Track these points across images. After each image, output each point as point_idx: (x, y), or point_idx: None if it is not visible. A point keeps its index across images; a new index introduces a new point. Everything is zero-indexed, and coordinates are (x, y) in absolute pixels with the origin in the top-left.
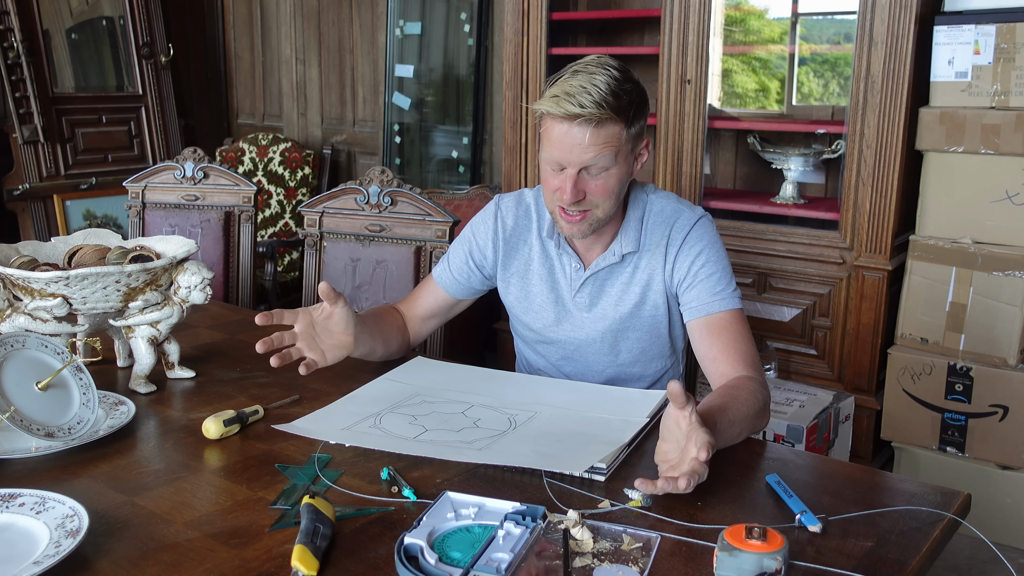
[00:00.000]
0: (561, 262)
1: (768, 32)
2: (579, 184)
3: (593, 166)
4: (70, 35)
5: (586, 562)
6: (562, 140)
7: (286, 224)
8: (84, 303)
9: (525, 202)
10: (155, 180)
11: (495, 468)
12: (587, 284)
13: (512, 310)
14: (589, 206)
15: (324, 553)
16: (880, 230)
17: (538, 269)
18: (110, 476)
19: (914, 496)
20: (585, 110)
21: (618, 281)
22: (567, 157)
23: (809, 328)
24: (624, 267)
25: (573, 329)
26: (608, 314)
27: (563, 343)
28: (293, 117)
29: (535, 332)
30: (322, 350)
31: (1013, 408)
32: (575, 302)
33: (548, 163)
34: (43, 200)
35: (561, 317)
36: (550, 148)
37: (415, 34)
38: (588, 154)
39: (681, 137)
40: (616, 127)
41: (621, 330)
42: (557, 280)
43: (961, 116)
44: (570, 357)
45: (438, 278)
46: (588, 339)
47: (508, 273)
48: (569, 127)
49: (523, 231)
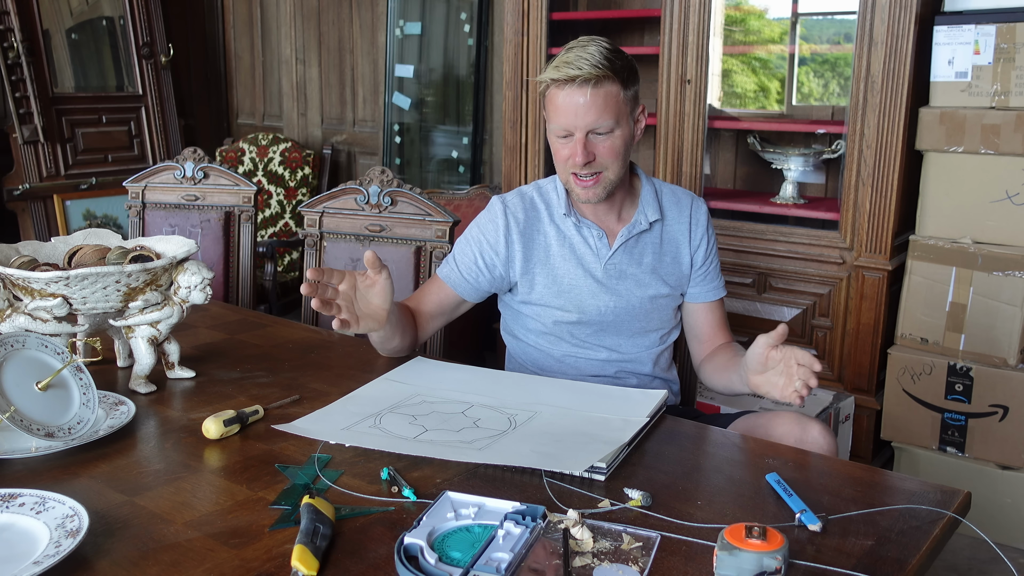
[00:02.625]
0: (582, 235)
1: (768, 32)
2: (588, 147)
3: (598, 128)
4: (70, 35)
5: (586, 562)
6: (566, 105)
7: (286, 224)
8: (84, 303)
9: (528, 196)
10: (155, 180)
11: (495, 468)
12: (620, 252)
13: (541, 300)
14: (600, 168)
15: (324, 553)
16: (880, 230)
17: (559, 251)
18: (110, 476)
19: (914, 495)
20: (583, 71)
21: (649, 248)
22: (573, 121)
23: (809, 328)
24: (653, 235)
25: (613, 298)
26: (645, 279)
27: (600, 318)
28: (293, 117)
29: (570, 312)
30: (357, 316)
31: (1013, 408)
32: (607, 271)
33: (556, 133)
34: (43, 200)
35: (597, 289)
36: (556, 116)
37: (415, 34)
38: (592, 114)
39: (681, 137)
40: (614, 87)
41: (659, 295)
42: (582, 255)
43: (961, 116)
44: (604, 329)
45: (446, 278)
46: (627, 306)
47: (531, 265)
48: (570, 90)
49: (535, 221)
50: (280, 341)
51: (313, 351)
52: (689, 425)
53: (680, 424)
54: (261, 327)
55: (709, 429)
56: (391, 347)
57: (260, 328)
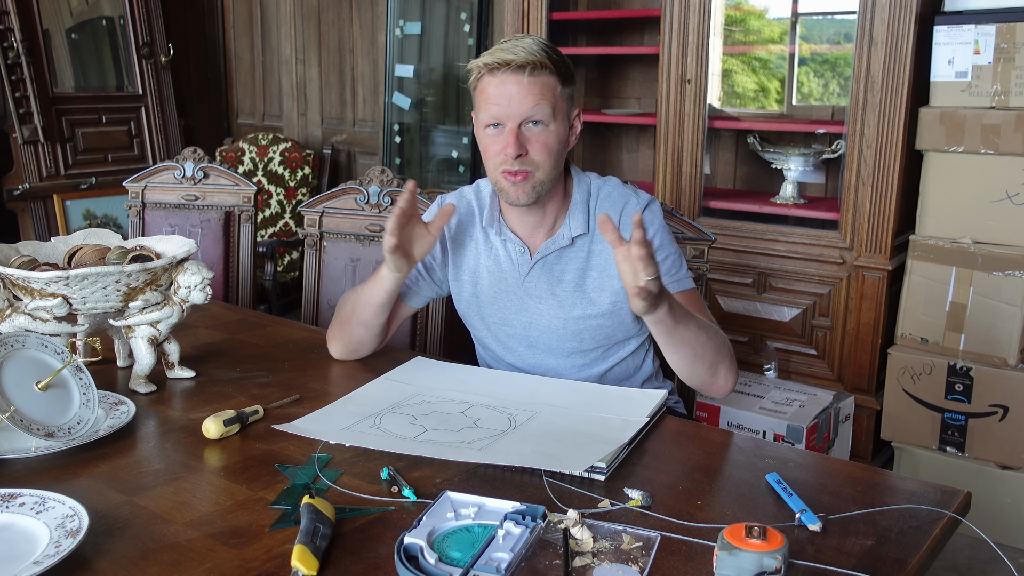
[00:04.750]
0: (506, 249)
1: (768, 32)
2: (520, 139)
3: (533, 116)
4: (70, 35)
5: (586, 562)
6: (499, 93)
7: (286, 224)
8: (84, 303)
9: (466, 198)
10: (155, 180)
11: (495, 468)
12: (537, 268)
13: (468, 309)
14: (530, 166)
15: (324, 553)
16: (880, 230)
17: (485, 262)
18: (110, 476)
19: (914, 495)
20: (518, 56)
21: (571, 265)
22: (505, 111)
23: (809, 328)
24: (576, 251)
25: (533, 317)
26: (567, 300)
27: (522, 334)
28: (293, 117)
29: (495, 325)
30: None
31: (1013, 408)
32: (526, 288)
33: (486, 125)
34: (43, 200)
35: (518, 306)
36: (487, 106)
37: (415, 34)
38: (526, 104)
39: (681, 137)
40: (551, 79)
41: (583, 316)
42: (504, 268)
43: (961, 116)
44: (534, 345)
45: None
46: (550, 327)
47: (460, 272)
48: (504, 78)
49: (467, 226)
50: (280, 341)
51: (313, 351)
52: (689, 425)
53: (680, 424)
54: (261, 327)
55: (709, 429)
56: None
57: (260, 328)
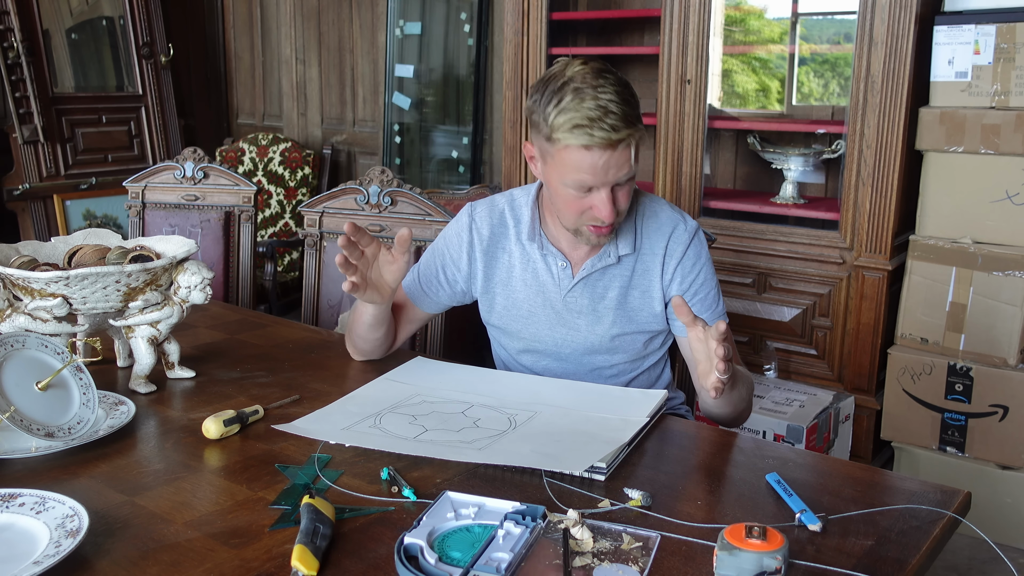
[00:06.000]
0: (547, 263)
1: (768, 32)
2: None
3: (622, 179)
4: (70, 35)
5: (586, 562)
6: (594, 166)
7: (286, 224)
8: (84, 303)
9: (499, 208)
10: (155, 180)
11: (495, 468)
12: (580, 285)
13: (499, 323)
14: (618, 217)
15: (324, 553)
16: (880, 230)
17: (521, 275)
18: (110, 476)
19: (914, 495)
20: (620, 133)
21: (615, 283)
22: (602, 180)
23: (809, 328)
24: (621, 269)
25: (570, 332)
26: (607, 317)
27: (552, 350)
28: (293, 117)
29: (525, 340)
30: (367, 284)
31: (1013, 408)
32: (566, 303)
33: (572, 188)
34: (43, 200)
35: (555, 321)
36: (577, 175)
37: (415, 34)
38: (622, 171)
39: (681, 137)
40: (637, 133)
41: (623, 334)
42: (544, 283)
43: (961, 116)
44: (563, 358)
45: (406, 288)
46: (585, 342)
47: (492, 284)
48: (602, 153)
49: (500, 238)
50: (280, 341)
51: (313, 351)
52: (689, 425)
53: (680, 424)
54: (261, 327)
55: (709, 429)
56: (375, 336)
57: (260, 328)
